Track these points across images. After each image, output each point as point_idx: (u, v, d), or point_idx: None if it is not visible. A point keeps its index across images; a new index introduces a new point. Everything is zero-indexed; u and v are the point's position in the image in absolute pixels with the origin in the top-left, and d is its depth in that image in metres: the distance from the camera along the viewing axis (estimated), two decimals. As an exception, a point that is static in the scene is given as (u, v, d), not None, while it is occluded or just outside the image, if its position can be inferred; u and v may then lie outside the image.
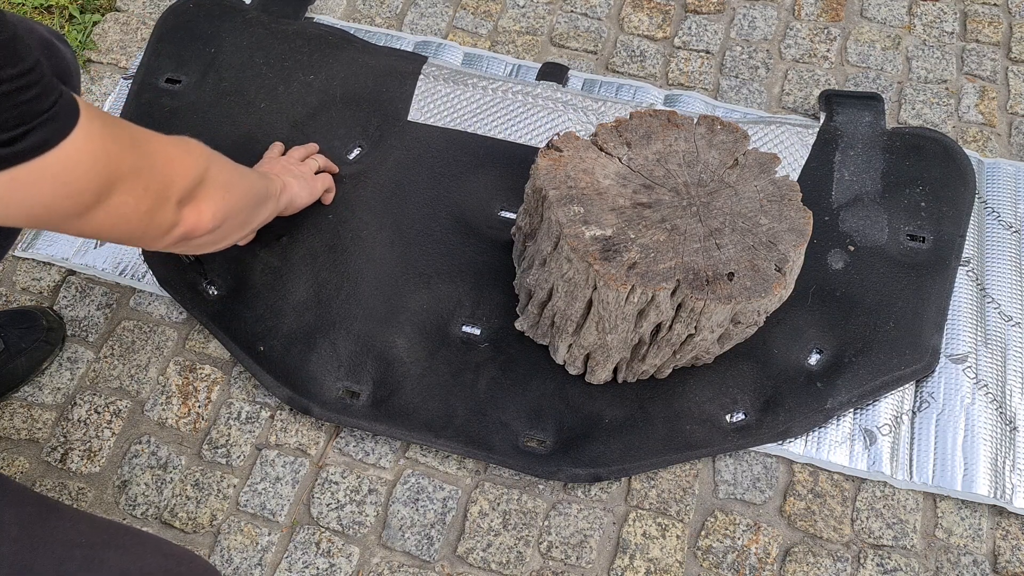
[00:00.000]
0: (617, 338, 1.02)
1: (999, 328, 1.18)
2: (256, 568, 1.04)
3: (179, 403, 1.14)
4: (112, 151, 0.67)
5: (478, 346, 1.15)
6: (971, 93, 1.40)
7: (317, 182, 1.19)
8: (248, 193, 0.94)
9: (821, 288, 1.18)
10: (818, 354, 1.15)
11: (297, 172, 1.16)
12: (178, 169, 0.77)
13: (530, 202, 1.06)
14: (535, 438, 1.10)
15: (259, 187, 0.99)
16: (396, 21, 1.48)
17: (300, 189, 1.13)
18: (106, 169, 0.67)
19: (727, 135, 1.06)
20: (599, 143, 1.05)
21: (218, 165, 0.86)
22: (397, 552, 1.05)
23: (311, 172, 1.19)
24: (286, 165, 1.17)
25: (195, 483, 1.09)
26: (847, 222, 1.23)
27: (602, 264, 0.94)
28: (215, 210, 0.83)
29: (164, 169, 0.75)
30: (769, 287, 0.95)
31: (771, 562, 1.05)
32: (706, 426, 1.10)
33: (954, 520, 1.07)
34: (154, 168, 0.73)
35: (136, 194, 0.71)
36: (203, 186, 0.81)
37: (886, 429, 1.11)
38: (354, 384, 1.13)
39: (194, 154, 0.81)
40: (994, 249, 1.24)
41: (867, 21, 1.48)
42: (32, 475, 1.09)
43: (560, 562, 1.05)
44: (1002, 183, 1.29)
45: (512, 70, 1.40)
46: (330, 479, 1.09)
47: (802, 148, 1.29)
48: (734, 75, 1.42)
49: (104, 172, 0.67)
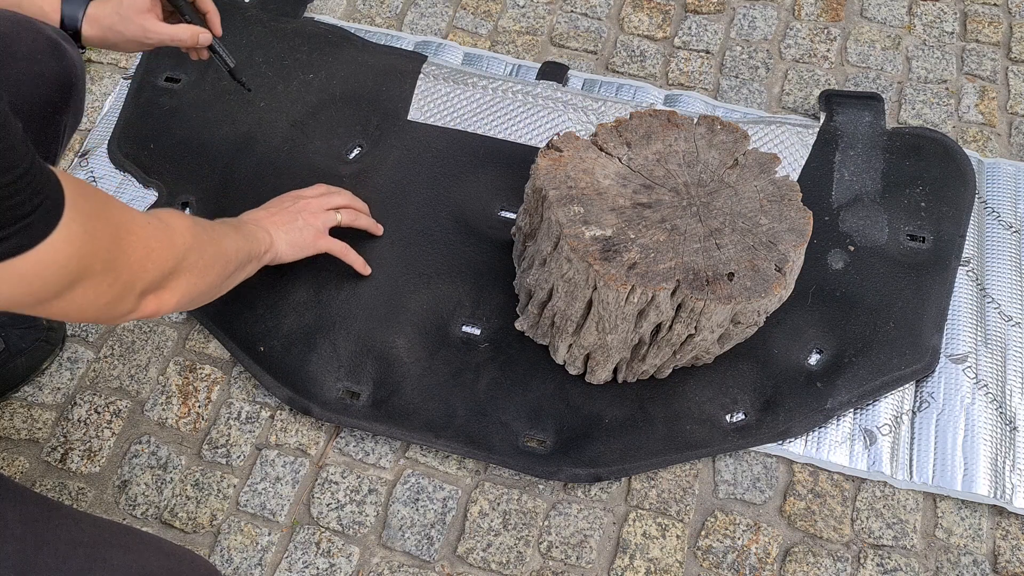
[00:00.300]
0: (617, 338, 1.02)
1: (999, 328, 1.18)
2: (256, 568, 1.04)
3: (179, 403, 1.14)
4: (86, 251, 0.65)
5: (478, 346, 1.15)
6: (971, 93, 1.40)
7: (317, 240, 1.10)
8: (226, 269, 0.91)
9: (821, 288, 1.18)
10: (818, 354, 1.15)
11: (296, 224, 1.07)
12: (153, 261, 0.74)
13: (530, 202, 1.07)
14: (535, 438, 1.10)
15: (242, 255, 0.95)
16: (396, 21, 1.48)
17: (287, 249, 1.06)
18: (76, 268, 0.64)
19: (727, 135, 1.06)
20: (599, 143, 1.05)
21: (198, 249, 0.82)
22: (397, 552, 1.05)
23: (316, 230, 1.09)
24: (291, 214, 1.08)
25: (195, 483, 1.09)
26: (847, 222, 1.23)
27: (602, 264, 0.94)
28: (180, 297, 0.80)
29: (138, 263, 0.72)
30: (769, 287, 0.95)
31: (771, 562, 1.05)
32: (706, 426, 1.10)
33: (954, 520, 1.07)
34: (127, 263, 0.70)
35: (100, 289, 0.69)
36: (174, 275, 0.78)
37: (886, 429, 1.11)
38: (354, 384, 1.13)
39: (175, 243, 0.78)
40: (994, 249, 1.24)
41: (867, 21, 1.48)
42: (32, 475, 1.09)
43: (560, 562, 1.05)
44: (1002, 183, 1.29)
45: (512, 70, 1.40)
46: (330, 479, 1.09)
47: (802, 148, 1.29)
48: (734, 75, 1.42)
49: (73, 271, 0.64)
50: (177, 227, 0.80)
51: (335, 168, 1.28)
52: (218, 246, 0.88)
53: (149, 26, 0.98)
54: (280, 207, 1.09)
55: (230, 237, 0.93)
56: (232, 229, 0.96)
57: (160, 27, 0.99)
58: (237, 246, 0.94)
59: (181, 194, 1.26)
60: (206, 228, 0.87)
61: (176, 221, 0.81)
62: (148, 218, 0.75)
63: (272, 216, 1.07)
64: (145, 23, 0.97)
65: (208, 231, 0.87)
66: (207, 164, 1.28)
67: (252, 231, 1.01)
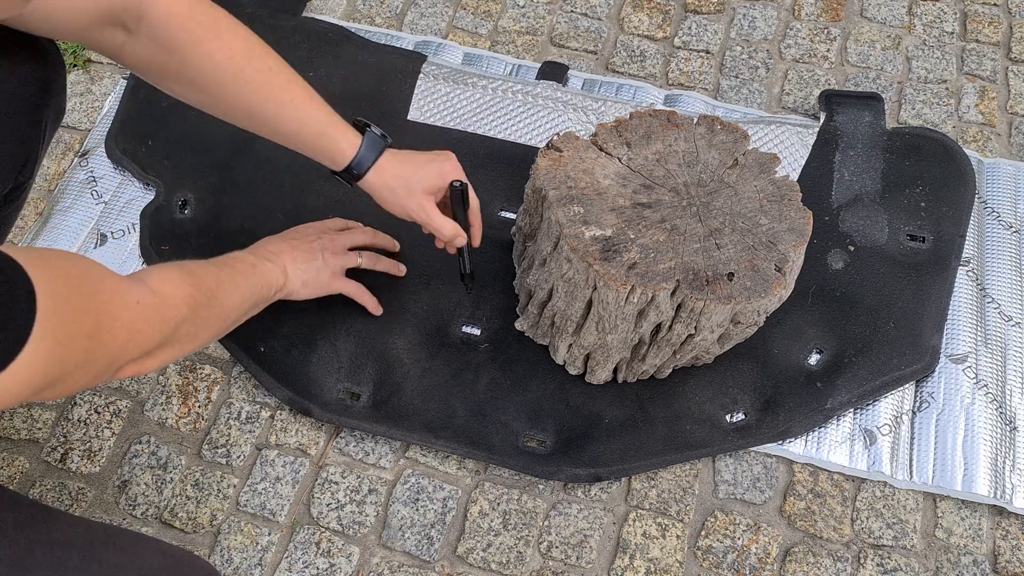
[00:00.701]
0: (617, 338, 1.02)
1: (999, 328, 1.18)
2: (256, 568, 1.04)
3: (179, 403, 1.14)
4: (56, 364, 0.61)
5: (478, 346, 1.15)
6: (971, 93, 1.40)
7: (332, 282, 1.08)
8: (223, 326, 0.89)
9: (821, 288, 1.18)
10: (818, 354, 1.15)
11: (315, 264, 1.05)
12: (136, 343, 0.71)
13: (530, 202, 1.06)
14: (535, 438, 1.10)
15: (247, 304, 0.93)
16: (396, 21, 1.48)
17: (301, 288, 1.04)
18: (42, 382, 0.61)
19: (727, 135, 1.06)
20: (599, 143, 1.05)
21: (192, 320, 0.80)
22: (397, 552, 1.05)
23: (333, 272, 1.07)
24: (312, 252, 1.05)
25: (195, 483, 1.09)
26: (847, 222, 1.23)
27: (602, 264, 0.94)
28: (163, 363, 0.78)
29: (118, 348, 0.69)
30: (769, 287, 0.95)
31: (771, 562, 1.05)
32: (706, 426, 1.10)
33: (954, 520, 1.07)
34: (106, 352, 0.67)
35: (73, 383, 0.66)
36: (160, 347, 0.76)
37: (886, 429, 1.11)
38: (354, 385, 1.13)
39: (167, 319, 0.75)
40: (994, 249, 1.24)
41: (867, 21, 1.48)
42: (32, 475, 1.09)
43: (560, 562, 1.05)
44: (1002, 183, 1.29)
45: (512, 70, 1.40)
46: (330, 479, 1.09)
47: (802, 148, 1.29)
48: (734, 75, 1.42)
49: (39, 385, 0.61)
50: (172, 299, 0.77)
51: (335, 168, 1.28)
52: (219, 307, 0.86)
53: (427, 207, 0.99)
54: (303, 239, 1.06)
55: (239, 288, 0.91)
56: (243, 276, 0.93)
57: (435, 213, 1.00)
58: (243, 297, 0.92)
59: (179, 191, 1.26)
60: (209, 288, 0.84)
61: (173, 290, 0.78)
62: (139, 294, 0.72)
63: (293, 250, 1.04)
64: (425, 203, 0.99)
65: (210, 292, 0.85)
66: (206, 161, 1.28)
67: (265, 272, 0.98)
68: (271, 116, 0.91)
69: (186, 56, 0.85)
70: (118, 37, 0.84)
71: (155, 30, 0.83)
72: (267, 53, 0.90)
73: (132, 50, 0.85)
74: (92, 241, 1.24)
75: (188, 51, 0.85)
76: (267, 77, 0.89)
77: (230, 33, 0.87)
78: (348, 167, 0.96)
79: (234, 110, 0.91)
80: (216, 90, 0.88)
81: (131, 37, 0.84)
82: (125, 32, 0.84)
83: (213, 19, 0.86)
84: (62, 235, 1.24)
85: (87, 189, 1.28)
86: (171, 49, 0.85)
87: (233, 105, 0.90)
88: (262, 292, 0.97)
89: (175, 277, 0.80)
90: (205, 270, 0.87)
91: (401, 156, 0.99)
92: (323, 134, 0.94)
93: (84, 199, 1.27)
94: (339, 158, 0.96)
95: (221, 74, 0.87)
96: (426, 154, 1.02)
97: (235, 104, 0.90)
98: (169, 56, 0.85)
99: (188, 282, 0.81)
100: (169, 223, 1.24)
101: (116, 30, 0.83)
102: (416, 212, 1.00)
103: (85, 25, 0.81)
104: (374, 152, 0.96)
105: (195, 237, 1.22)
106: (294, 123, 0.92)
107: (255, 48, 0.89)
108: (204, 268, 0.88)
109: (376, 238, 1.15)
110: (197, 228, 1.23)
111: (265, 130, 0.94)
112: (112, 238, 1.24)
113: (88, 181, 1.29)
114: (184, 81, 0.88)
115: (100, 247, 1.24)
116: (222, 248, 1.21)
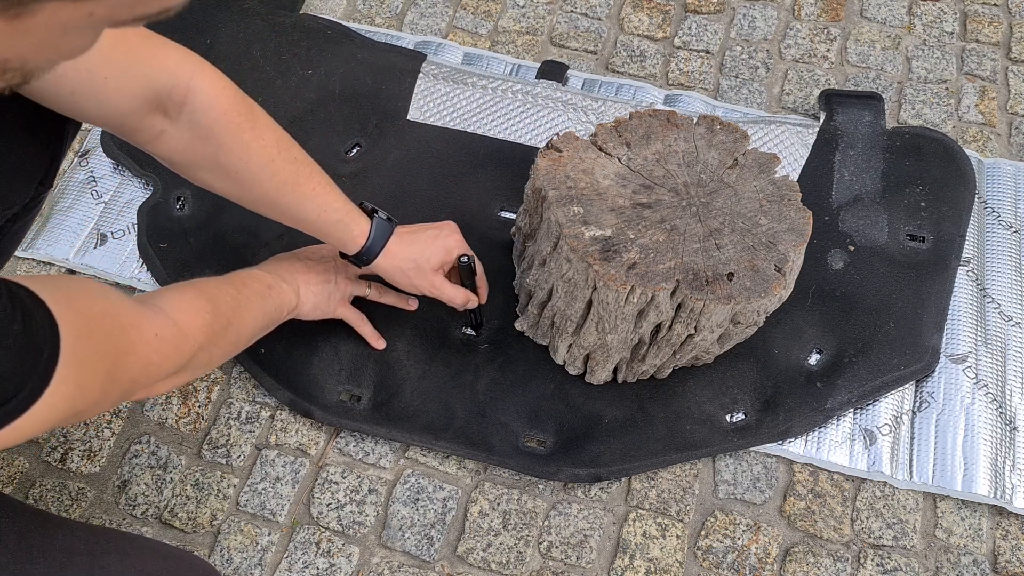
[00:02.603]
0: (617, 338, 1.02)
1: (999, 328, 1.18)
2: (256, 568, 1.04)
3: (179, 403, 1.14)
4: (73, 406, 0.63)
5: (478, 347, 1.15)
6: (971, 93, 1.40)
7: (338, 307, 1.08)
8: (236, 349, 0.91)
9: (821, 288, 1.18)
10: (818, 354, 1.15)
11: (327, 288, 1.06)
12: (149, 375, 0.73)
13: (530, 202, 1.06)
14: (535, 438, 1.10)
15: (259, 327, 0.94)
16: (396, 21, 1.48)
17: (311, 310, 1.05)
18: (59, 420, 0.63)
19: (727, 135, 1.06)
20: (599, 143, 1.05)
21: (208, 348, 0.82)
22: (397, 552, 1.05)
23: (342, 297, 1.08)
24: (326, 275, 1.06)
25: (195, 483, 1.09)
26: (847, 222, 1.23)
27: (602, 264, 0.94)
28: (172, 388, 0.80)
29: (131, 381, 0.70)
30: (769, 287, 0.95)
31: (771, 562, 1.05)
32: (706, 426, 1.10)
33: (954, 520, 1.07)
34: (120, 384, 0.69)
35: (88, 415, 0.68)
36: (175, 374, 0.77)
37: (886, 429, 1.11)
38: (355, 387, 1.12)
39: (182, 350, 0.77)
40: (994, 249, 1.24)
41: (867, 21, 1.48)
42: (32, 475, 1.09)
43: (560, 562, 1.05)
44: (1002, 183, 1.29)
45: (512, 70, 1.40)
46: (330, 479, 1.09)
47: (802, 148, 1.29)
48: (734, 75, 1.42)
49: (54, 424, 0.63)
50: (190, 329, 0.78)
51: (334, 167, 1.27)
52: (235, 333, 0.88)
53: (438, 283, 1.05)
54: (318, 261, 1.07)
55: (253, 311, 0.92)
56: (258, 298, 0.94)
57: (445, 285, 1.06)
58: (256, 320, 0.93)
59: (176, 189, 1.25)
60: (226, 316, 0.85)
61: (193, 319, 0.79)
62: (158, 326, 0.74)
63: (308, 272, 1.05)
64: (435, 280, 1.05)
65: (227, 319, 0.85)
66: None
67: (281, 293, 0.99)
68: (294, 203, 0.94)
69: (223, 143, 0.88)
70: (158, 125, 0.86)
71: (196, 116, 0.86)
72: (293, 145, 0.94)
73: (169, 138, 0.88)
74: (92, 241, 1.24)
75: (227, 139, 0.88)
76: (295, 167, 0.93)
77: (264, 124, 0.91)
78: (359, 253, 1.00)
79: (260, 197, 0.94)
80: (246, 177, 0.91)
81: (171, 124, 0.87)
82: (166, 119, 0.86)
83: (251, 110, 0.90)
84: (62, 235, 1.24)
85: (87, 189, 1.28)
86: (209, 136, 0.87)
87: (260, 192, 0.93)
88: (275, 314, 0.98)
89: (196, 305, 0.81)
90: (224, 294, 0.88)
91: (408, 238, 1.03)
92: (339, 222, 0.97)
93: (84, 199, 1.27)
94: (351, 244, 0.99)
95: (254, 163, 0.90)
96: (429, 230, 1.05)
97: (262, 191, 0.93)
98: (206, 144, 0.88)
99: (208, 309, 0.82)
100: (167, 221, 1.24)
101: (157, 117, 0.86)
102: (428, 289, 1.05)
103: (130, 110, 0.83)
104: (383, 238, 1.00)
105: (194, 235, 1.22)
106: (315, 210, 0.96)
107: (284, 140, 0.93)
108: (222, 291, 0.89)
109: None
110: (195, 226, 1.23)
111: (285, 216, 0.97)
112: (112, 238, 1.24)
113: (88, 181, 1.29)
114: (217, 169, 0.91)
115: (100, 247, 1.24)
116: (221, 247, 1.22)
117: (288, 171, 0.93)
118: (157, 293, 0.83)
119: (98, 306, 0.67)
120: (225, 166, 0.90)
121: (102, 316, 0.66)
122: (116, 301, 0.70)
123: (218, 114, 0.86)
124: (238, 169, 0.90)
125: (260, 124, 0.90)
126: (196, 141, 0.88)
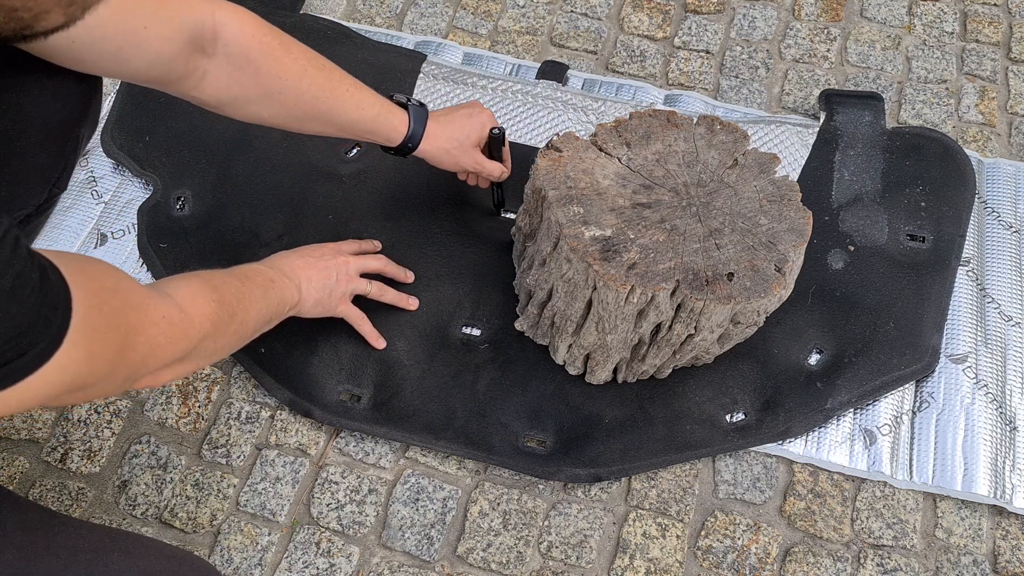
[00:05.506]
0: (617, 338, 1.02)
1: (999, 328, 1.18)
2: (256, 568, 1.04)
3: (179, 403, 1.14)
4: (78, 372, 0.62)
5: (478, 347, 1.15)
6: (971, 93, 1.40)
7: (339, 305, 1.08)
8: (240, 342, 0.90)
9: (821, 288, 1.18)
10: (818, 354, 1.15)
11: (328, 284, 1.06)
12: (156, 357, 0.72)
13: (530, 202, 1.07)
14: (535, 438, 1.10)
15: (262, 321, 0.94)
16: (396, 21, 1.48)
17: (312, 307, 1.04)
18: (66, 387, 0.62)
19: (727, 135, 1.06)
20: (599, 143, 1.05)
21: (214, 336, 0.81)
22: (397, 552, 1.05)
23: (343, 295, 1.08)
24: (327, 272, 1.06)
25: (195, 483, 1.09)
26: (847, 222, 1.23)
27: (602, 264, 0.94)
28: (178, 376, 0.79)
29: (138, 362, 0.70)
30: (769, 287, 0.95)
31: (771, 562, 1.05)
32: (706, 426, 1.10)
33: (954, 520, 1.07)
34: (126, 365, 0.68)
35: (92, 394, 0.67)
36: (178, 362, 0.77)
37: (886, 429, 1.11)
38: (355, 387, 1.12)
39: (190, 335, 0.76)
40: (994, 249, 1.24)
41: (867, 21, 1.48)
42: (32, 475, 1.09)
43: (560, 562, 1.05)
44: (1002, 183, 1.29)
45: (512, 70, 1.40)
46: (330, 479, 1.09)
47: (802, 148, 1.29)
48: (734, 75, 1.42)
49: (61, 391, 0.62)
50: (196, 316, 0.78)
51: (334, 167, 1.28)
52: (239, 324, 0.87)
53: (479, 159, 1.11)
54: (319, 258, 1.06)
55: (257, 304, 0.92)
56: (262, 291, 0.94)
57: (485, 161, 1.12)
58: (260, 313, 0.93)
59: (176, 188, 1.26)
60: (231, 306, 0.85)
61: (199, 307, 0.79)
62: (165, 309, 0.73)
63: (309, 268, 1.04)
64: (476, 156, 1.11)
65: (232, 310, 0.85)
66: (204, 159, 1.28)
67: (283, 289, 0.99)
68: (335, 107, 0.98)
69: (261, 66, 0.91)
70: (201, 66, 0.89)
71: (230, 48, 0.89)
72: (317, 54, 0.97)
73: (213, 78, 0.91)
74: (92, 241, 1.24)
75: (263, 61, 0.91)
76: (326, 73, 0.97)
77: (289, 40, 0.94)
78: (403, 142, 1.04)
79: (305, 112, 0.97)
80: (287, 95, 0.95)
81: (211, 62, 0.89)
82: (205, 57, 0.89)
83: (273, 29, 0.93)
84: (62, 235, 1.24)
85: (87, 189, 1.28)
86: (247, 64, 0.91)
87: (304, 108, 0.96)
88: (278, 309, 0.98)
89: (202, 293, 0.81)
90: (228, 285, 0.88)
91: (444, 119, 1.08)
92: (379, 115, 1.01)
93: (84, 199, 1.27)
94: (394, 134, 1.03)
95: (291, 77, 0.94)
96: (461, 109, 1.10)
97: (305, 105, 0.96)
98: (244, 73, 0.91)
99: (213, 298, 0.82)
100: (167, 220, 1.24)
101: (198, 58, 0.88)
102: (471, 165, 1.11)
103: (173, 55, 0.85)
104: (421, 124, 1.04)
105: (194, 235, 1.22)
106: (355, 111, 0.99)
107: (308, 51, 0.96)
108: (227, 283, 0.88)
109: (388, 267, 1.15)
110: (195, 226, 1.23)
111: (330, 124, 1.00)
112: (112, 238, 1.24)
113: (88, 181, 1.29)
114: (262, 97, 0.94)
115: (100, 247, 1.24)
116: (221, 246, 1.22)
117: (321, 78, 0.96)
118: (163, 281, 0.82)
119: (109, 281, 0.67)
120: (268, 89, 0.93)
121: (113, 290, 0.67)
122: (124, 279, 0.70)
123: (248, 40, 0.90)
124: (280, 89, 0.93)
125: (286, 41, 0.94)
126: (236, 73, 0.91)
